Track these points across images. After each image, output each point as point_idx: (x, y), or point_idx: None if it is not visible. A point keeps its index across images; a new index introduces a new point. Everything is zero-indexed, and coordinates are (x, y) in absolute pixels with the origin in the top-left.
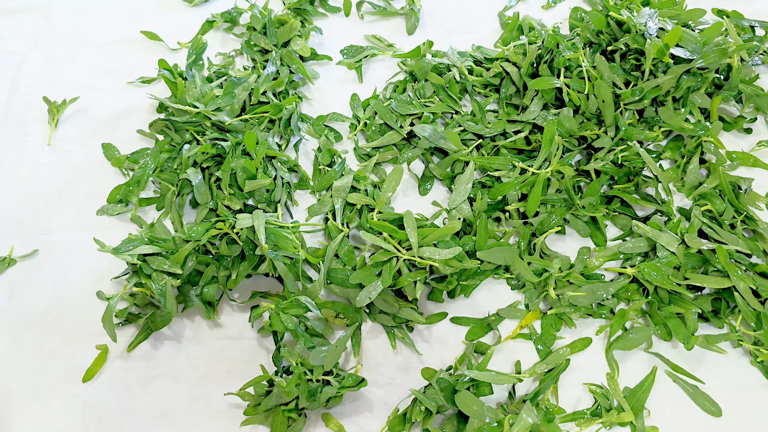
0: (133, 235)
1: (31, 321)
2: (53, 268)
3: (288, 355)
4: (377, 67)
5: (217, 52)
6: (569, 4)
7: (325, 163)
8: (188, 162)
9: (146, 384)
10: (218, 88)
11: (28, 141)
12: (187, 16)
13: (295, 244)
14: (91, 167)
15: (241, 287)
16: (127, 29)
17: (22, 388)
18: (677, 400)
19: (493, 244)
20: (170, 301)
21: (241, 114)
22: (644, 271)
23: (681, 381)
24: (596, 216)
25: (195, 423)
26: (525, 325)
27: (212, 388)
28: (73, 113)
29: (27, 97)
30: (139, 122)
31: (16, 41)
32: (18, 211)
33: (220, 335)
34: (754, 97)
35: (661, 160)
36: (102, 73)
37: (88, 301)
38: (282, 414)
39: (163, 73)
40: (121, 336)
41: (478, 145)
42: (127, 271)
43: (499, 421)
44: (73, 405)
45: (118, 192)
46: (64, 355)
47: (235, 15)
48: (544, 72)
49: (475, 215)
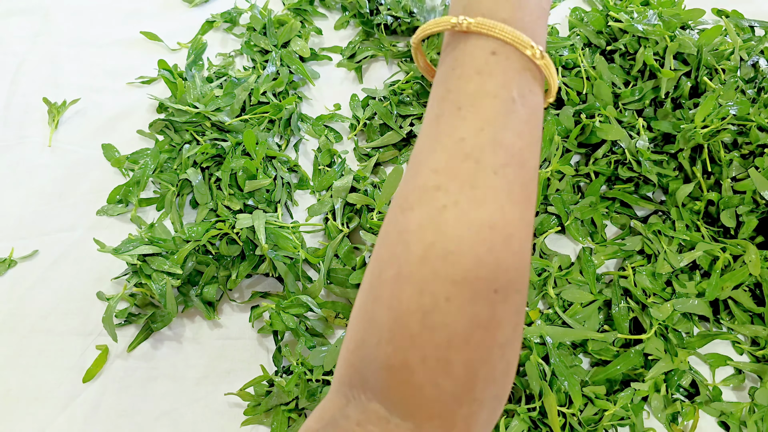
0: (133, 236)
1: (32, 321)
2: (53, 269)
3: (288, 355)
4: (377, 67)
5: (217, 53)
6: (569, 4)
7: (324, 164)
8: (188, 162)
9: (146, 384)
10: (218, 88)
11: (28, 142)
12: (186, 17)
13: (295, 244)
14: (91, 168)
15: (241, 287)
16: (127, 30)
17: (22, 389)
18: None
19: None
20: (170, 302)
21: (241, 114)
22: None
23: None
24: (595, 216)
25: (195, 423)
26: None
27: (212, 388)
28: (73, 114)
29: (27, 99)
30: (139, 122)
31: (16, 42)
32: (18, 212)
33: (220, 335)
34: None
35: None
36: (102, 73)
37: (89, 302)
38: (282, 414)
39: (163, 73)
40: (122, 336)
41: None
42: (127, 272)
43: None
44: (73, 405)
45: (118, 192)
46: (64, 356)
47: (235, 15)
48: None
49: None
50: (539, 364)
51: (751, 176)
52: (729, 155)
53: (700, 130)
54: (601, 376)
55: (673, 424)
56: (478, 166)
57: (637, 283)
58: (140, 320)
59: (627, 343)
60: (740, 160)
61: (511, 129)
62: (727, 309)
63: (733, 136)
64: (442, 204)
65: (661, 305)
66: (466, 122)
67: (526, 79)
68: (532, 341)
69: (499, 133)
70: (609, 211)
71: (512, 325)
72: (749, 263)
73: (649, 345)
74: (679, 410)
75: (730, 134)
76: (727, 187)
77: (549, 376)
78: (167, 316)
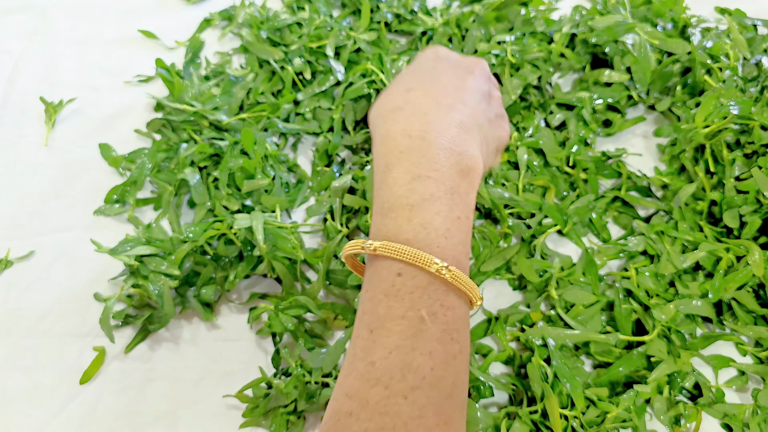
0: (130, 236)
1: (28, 323)
2: (50, 270)
3: (287, 356)
4: None
5: (215, 51)
6: (569, 3)
7: (323, 164)
8: (186, 162)
9: (144, 386)
10: (216, 87)
11: (24, 141)
12: (184, 15)
13: (293, 245)
14: (88, 167)
15: (239, 288)
16: (124, 28)
17: (19, 390)
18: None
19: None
20: (168, 303)
21: (239, 113)
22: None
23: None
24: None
25: (193, 425)
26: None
27: (210, 390)
28: (69, 113)
29: (23, 97)
30: (136, 121)
31: (12, 41)
32: (14, 212)
33: (218, 337)
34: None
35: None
36: (99, 72)
37: (85, 303)
38: (281, 416)
39: (160, 72)
40: (119, 337)
41: None
42: (124, 272)
43: (497, 425)
44: (70, 407)
45: (115, 192)
46: (61, 357)
47: (232, 13)
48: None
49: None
50: (541, 366)
51: (754, 176)
52: (732, 155)
53: (701, 130)
54: (604, 378)
55: (676, 427)
56: (388, 392)
57: (639, 284)
58: (137, 321)
59: (629, 344)
60: (743, 160)
61: (421, 349)
62: (731, 310)
63: (735, 136)
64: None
65: (664, 306)
66: (376, 345)
67: (437, 296)
68: (534, 343)
69: (407, 356)
70: (609, 210)
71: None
72: (753, 264)
73: (652, 346)
74: (682, 412)
75: (733, 133)
76: (730, 187)
77: (551, 378)
78: (164, 317)
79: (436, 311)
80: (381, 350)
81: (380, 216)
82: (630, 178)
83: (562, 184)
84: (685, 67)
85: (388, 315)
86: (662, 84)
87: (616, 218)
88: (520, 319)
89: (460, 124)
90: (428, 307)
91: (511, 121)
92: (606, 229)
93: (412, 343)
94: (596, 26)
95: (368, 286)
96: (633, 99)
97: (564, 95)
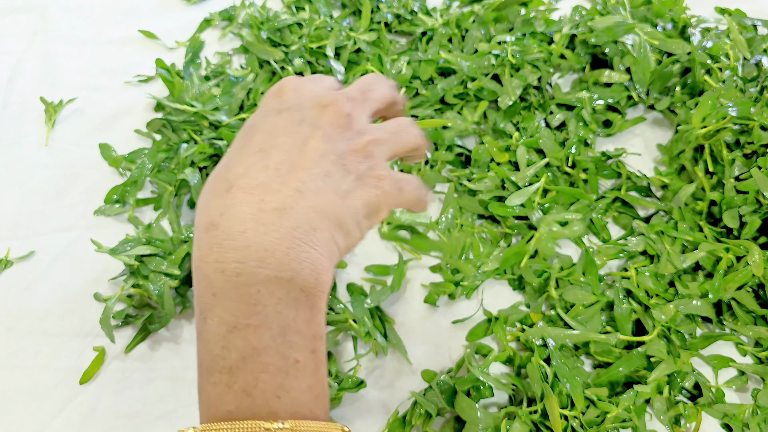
0: (130, 236)
1: (29, 323)
2: (50, 270)
3: None
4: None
5: (215, 51)
6: (569, 4)
7: None
8: (186, 162)
9: (144, 386)
10: (216, 87)
11: (24, 141)
12: (184, 15)
13: None
14: (88, 167)
15: None
16: (125, 28)
17: (19, 390)
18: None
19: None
20: (168, 303)
21: (239, 113)
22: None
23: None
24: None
25: (193, 425)
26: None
27: None
28: (70, 113)
29: (23, 98)
30: (136, 122)
31: (12, 41)
32: (14, 212)
33: None
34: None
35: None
36: (99, 72)
37: (86, 303)
38: None
39: (161, 72)
40: (119, 337)
41: None
42: (124, 272)
43: (497, 425)
44: (71, 407)
45: (115, 192)
46: (61, 357)
47: (233, 14)
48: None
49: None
50: (541, 366)
51: (754, 176)
52: (731, 155)
53: (699, 130)
54: (604, 378)
55: (676, 427)
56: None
57: (639, 284)
58: (138, 321)
59: (629, 344)
60: (743, 160)
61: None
62: (730, 310)
63: (735, 136)
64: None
65: (664, 306)
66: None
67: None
68: (534, 343)
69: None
70: (609, 210)
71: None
72: (752, 264)
73: (652, 347)
74: (682, 412)
75: (732, 134)
76: (729, 187)
77: (551, 378)
78: (165, 317)
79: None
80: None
81: (201, 378)
82: (630, 179)
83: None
84: (685, 68)
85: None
86: (662, 84)
87: (616, 218)
88: (520, 319)
89: (294, 231)
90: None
91: (512, 121)
92: (606, 229)
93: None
94: (596, 27)
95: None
96: (633, 99)
97: (564, 95)
